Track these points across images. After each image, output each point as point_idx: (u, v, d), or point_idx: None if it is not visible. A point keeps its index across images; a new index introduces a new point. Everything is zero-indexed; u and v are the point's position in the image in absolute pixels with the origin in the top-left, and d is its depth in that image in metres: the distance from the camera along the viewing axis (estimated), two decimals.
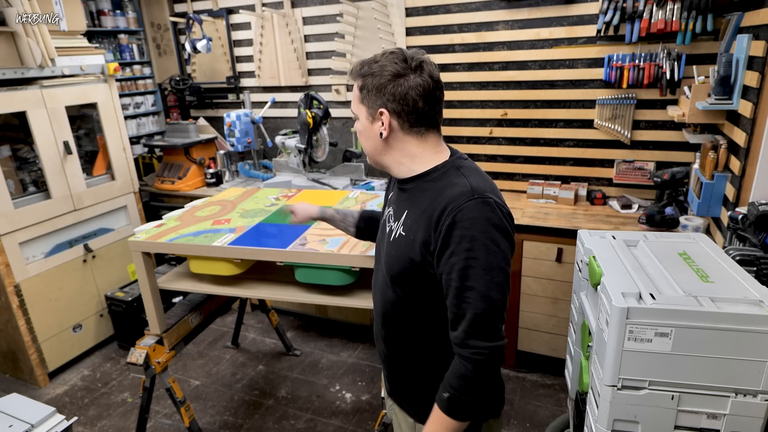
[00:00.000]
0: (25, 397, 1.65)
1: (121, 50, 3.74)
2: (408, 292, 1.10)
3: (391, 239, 1.11)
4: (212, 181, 3.47)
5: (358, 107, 1.09)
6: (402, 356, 1.19)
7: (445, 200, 1.00)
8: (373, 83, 1.04)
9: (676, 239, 1.56)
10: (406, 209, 1.10)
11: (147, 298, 1.97)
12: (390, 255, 1.11)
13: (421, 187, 1.08)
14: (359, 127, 1.11)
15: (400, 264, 1.07)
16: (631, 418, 1.23)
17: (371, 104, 1.05)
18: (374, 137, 1.08)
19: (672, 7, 2.26)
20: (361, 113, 1.08)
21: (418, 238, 1.03)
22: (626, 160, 2.70)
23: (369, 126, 1.08)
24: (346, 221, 1.49)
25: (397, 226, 1.11)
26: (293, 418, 2.50)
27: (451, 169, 1.07)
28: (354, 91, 1.09)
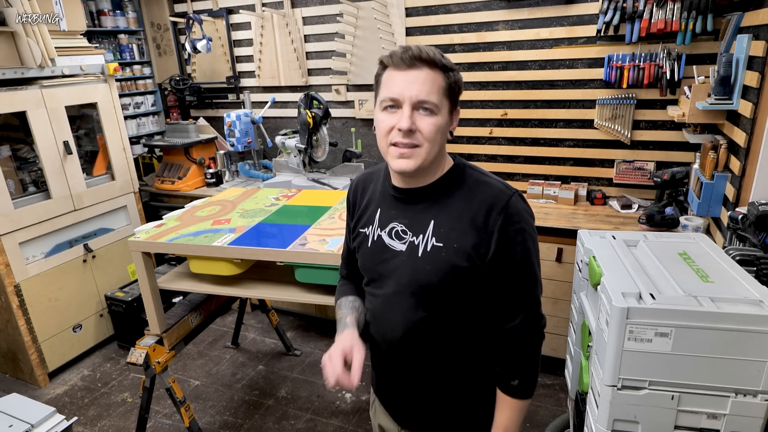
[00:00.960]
0: (25, 397, 1.65)
1: (121, 50, 3.74)
2: (443, 305, 1.04)
3: (420, 254, 1.03)
4: (212, 181, 3.47)
5: (441, 99, 0.97)
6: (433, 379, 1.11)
7: (488, 200, 1.00)
8: (460, 80, 1.01)
9: (676, 239, 1.56)
10: (431, 219, 1.03)
11: (147, 298, 1.96)
12: (421, 270, 1.03)
13: (443, 193, 1.04)
14: (437, 121, 0.97)
15: (440, 275, 1.01)
16: (631, 418, 1.23)
17: (454, 100, 1.01)
18: (445, 135, 1.02)
19: (672, 7, 2.26)
20: (445, 108, 0.99)
21: (464, 244, 0.99)
22: (626, 160, 2.70)
23: (448, 122, 1.01)
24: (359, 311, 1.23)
25: (424, 239, 1.03)
26: (293, 418, 2.50)
27: (466, 169, 1.07)
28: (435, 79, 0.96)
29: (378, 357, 1.20)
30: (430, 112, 0.96)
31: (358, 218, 1.18)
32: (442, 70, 0.96)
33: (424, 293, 1.04)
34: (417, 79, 0.94)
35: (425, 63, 0.94)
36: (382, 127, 0.99)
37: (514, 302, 1.03)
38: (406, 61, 0.94)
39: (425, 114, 0.96)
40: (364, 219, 1.15)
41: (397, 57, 0.95)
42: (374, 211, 1.13)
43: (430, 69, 0.95)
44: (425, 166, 1.00)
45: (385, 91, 0.98)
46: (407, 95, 0.94)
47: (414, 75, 0.94)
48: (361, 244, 1.15)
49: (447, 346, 1.08)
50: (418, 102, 0.95)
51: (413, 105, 0.95)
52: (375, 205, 1.13)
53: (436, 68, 0.95)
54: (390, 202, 1.10)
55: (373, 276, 1.13)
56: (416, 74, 0.94)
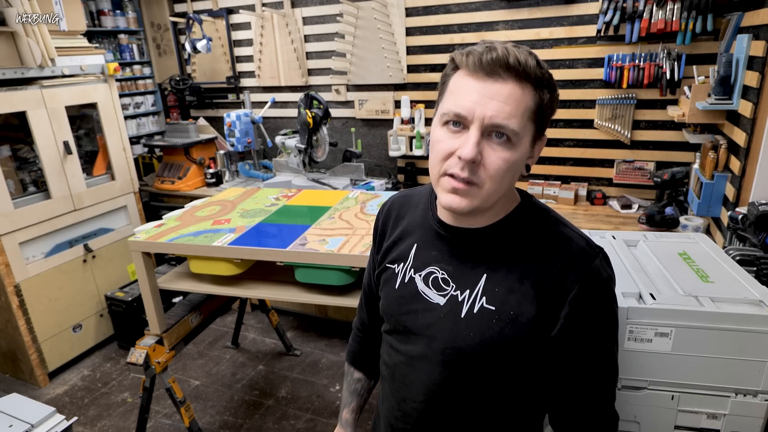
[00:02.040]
0: (25, 397, 1.65)
1: (121, 50, 3.74)
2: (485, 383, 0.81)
3: (464, 315, 0.80)
4: (212, 181, 3.47)
5: (525, 125, 0.72)
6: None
7: (564, 260, 0.76)
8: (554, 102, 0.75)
9: (676, 239, 1.56)
10: (484, 273, 0.80)
11: (147, 298, 1.96)
12: (464, 337, 0.80)
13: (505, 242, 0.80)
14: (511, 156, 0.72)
15: (486, 347, 0.78)
16: (631, 418, 1.23)
17: (542, 125, 0.76)
18: (519, 171, 0.77)
19: (672, 7, 2.26)
20: (527, 137, 0.74)
21: (524, 314, 0.76)
22: (626, 160, 2.70)
23: (526, 155, 0.76)
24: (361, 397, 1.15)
25: (472, 296, 0.80)
26: (293, 418, 2.50)
27: (534, 208, 0.83)
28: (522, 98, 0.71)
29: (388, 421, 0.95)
30: (505, 140, 0.72)
31: (387, 250, 0.94)
32: (534, 86, 0.72)
33: (460, 365, 0.81)
34: (497, 95, 0.70)
35: (513, 73, 0.70)
36: (439, 149, 0.75)
37: (583, 398, 0.80)
38: (486, 67, 0.70)
39: (498, 143, 0.72)
40: (395, 253, 0.92)
41: (475, 58, 0.71)
42: (410, 246, 0.89)
43: (517, 82, 0.70)
44: (486, 207, 0.77)
45: (449, 102, 0.74)
46: (479, 114, 0.70)
47: (495, 88, 0.70)
48: (386, 283, 0.92)
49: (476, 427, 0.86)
50: (492, 126, 0.71)
51: (484, 128, 0.71)
52: (412, 239, 0.90)
53: (526, 82, 0.71)
54: (432, 240, 0.87)
55: (396, 326, 0.90)
56: (498, 88, 0.70)
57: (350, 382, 1.15)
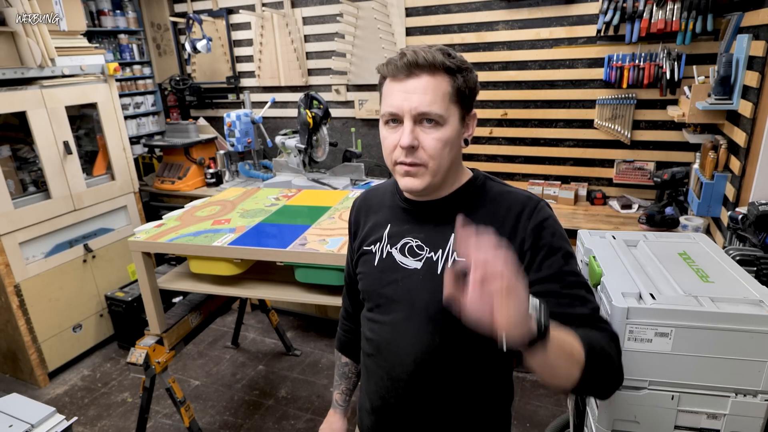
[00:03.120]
0: (25, 397, 1.65)
1: (121, 50, 3.74)
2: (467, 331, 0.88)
3: (440, 271, 0.92)
4: (212, 181, 3.47)
5: (448, 108, 0.86)
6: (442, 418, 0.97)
7: (515, 207, 0.91)
8: (473, 81, 0.89)
9: (676, 239, 1.56)
10: (451, 232, 0.93)
11: (147, 298, 1.96)
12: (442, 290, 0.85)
13: (463, 205, 0.94)
14: (443, 134, 0.86)
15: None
16: (631, 418, 1.23)
17: (467, 104, 0.90)
18: (458, 146, 0.91)
19: (672, 7, 2.26)
20: (454, 116, 0.87)
21: None
22: (626, 160, 2.70)
23: (459, 132, 0.90)
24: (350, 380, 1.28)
25: (444, 254, 0.92)
26: (293, 418, 2.50)
27: (487, 180, 0.98)
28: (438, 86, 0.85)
29: (376, 396, 1.02)
30: (434, 124, 0.86)
31: (363, 237, 1.05)
32: (447, 73, 0.86)
33: (444, 317, 0.89)
34: (416, 89, 0.85)
35: (424, 69, 0.84)
36: (386, 144, 0.90)
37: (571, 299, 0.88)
38: (403, 70, 0.85)
39: (429, 127, 0.86)
40: (372, 237, 1.03)
41: (393, 65, 0.86)
42: (383, 228, 1.02)
43: (430, 75, 0.85)
44: (437, 181, 0.91)
45: (384, 105, 0.89)
46: (406, 108, 0.85)
47: (413, 84, 0.85)
48: (366, 264, 1.02)
49: (466, 384, 0.95)
50: (419, 114, 0.85)
51: (414, 118, 0.85)
52: (384, 221, 1.02)
53: (438, 72, 0.85)
54: (402, 217, 1.00)
55: (378, 300, 1.00)
56: (415, 83, 0.85)
57: (339, 366, 1.29)
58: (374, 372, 1.02)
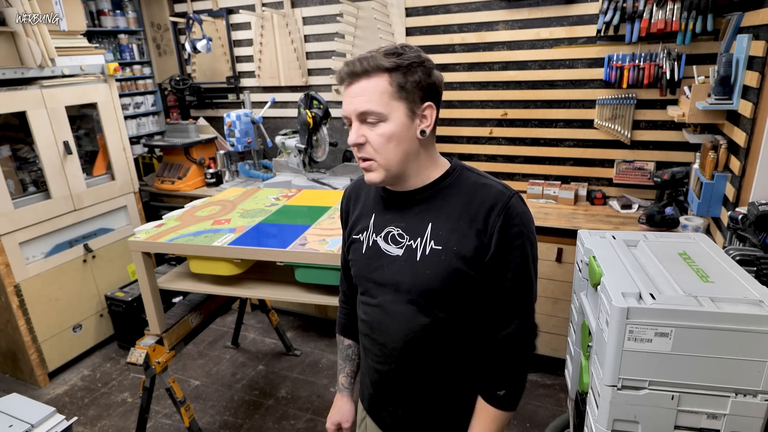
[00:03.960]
0: (25, 397, 1.65)
1: (121, 50, 3.74)
2: (449, 308, 1.00)
3: (419, 258, 0.99)
4: (212, 181, 3.47)
5: (388, 105, 0.91)
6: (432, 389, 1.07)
7: (488, 201, 0.96)
8: (417, 75, 0.92)
9: (676, 239, 1.56)
10: (429, 222, 1.00)
11: (147, 298, 1.96)
12: (422, 275, 0.99)
13: (440, 195, 1.00)
14: (386, 129, 0.93)
15: (441, 279, 0.97)
16: (631, 418, 1.22)
17: (413, 98, 0.93)
18: (411, 139, 0.95)
19: (672, 7, 2.26)
20: (398, 111, 0.92)
21: (464, 246, 0.96)
22: (626, 160, 2.70)
23: (407, 127, 0.94)
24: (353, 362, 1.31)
25: (422, 241, 0.99)
26: (293, 418, 2.50)
27: (463, 171, 1.03)
28: (376, 85, 0.91)
29: (373, 370, 1.12)
30: (376, 120, 0.92)
31: (352, 226, 1.13)
32: (386, 72, 0.90)
33: (424, 299, 0.99)
34: (357, 92, 0.92)
35: (361, 75, 0.91)
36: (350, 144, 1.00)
37: (509, 308, 0.99)
38: (346, 78, 0.94)
39: (372, 124, 0.93)
40: (359, 226, 1.11)
41: (339, 75, 0.95)
42: (368, 217, 1.09)
43: (367, 78, 0.91)
44: (394, 173, 0.97)
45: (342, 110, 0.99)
46: (350, 110, 0.94)
47: (354, 89, 0.93)
48: (356, 252, 1.10)
49: (448, 354, 1.04)
50: (360, 114, 0.93)
51: (359, 118, 0.94)
52: (369, 211, 1.10)
53: (374, 74, 0.91)
54: (384, 207, 1.07)
55: (367, 285, 1.09)
56: (357, 87, 0.92)
57: (342, 350, 1.32)
58: (370, 350, 1.12)
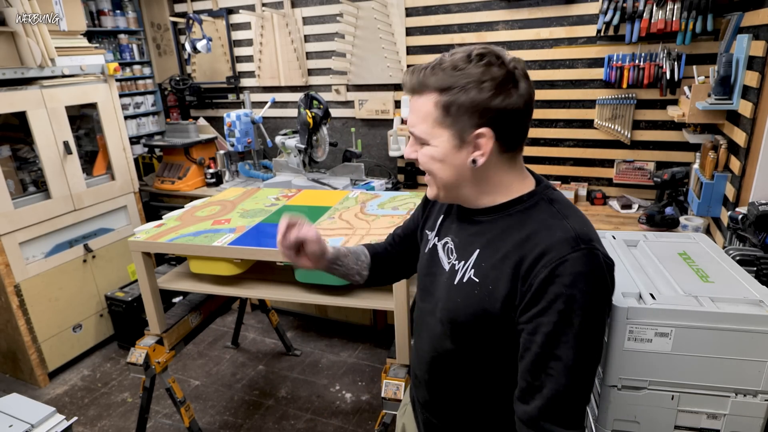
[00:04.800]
0: (25, 397, 1.65)
1: (121, 50, 3.74)
2: (472, 344, 0.91)
3: (456, 282, 0.91)
4: (212, 181, 3.47)
5: (433, 130, 0.84)
6: (449, 407, 1.02)
7: (541, 247, 0.80)
8: (469, 98, 0.80)
9: (676, 239, 1.56)
10: (477, 248, 0.90)
11: (147, 298, 1.96)
12: (454, 301, 0.91)
13: (501, 222, 0.88)
14: (430, 152, 0.86)
15: (469, 314, 0.88)
16: (631, 418, 1.23)
17: (462, 125, 0.82)
18: (460, 165, 0.85)
19: (672, 7, 2.26)
20: (441, 138, 0.84)
21: (499, 290, 0.83)
22: (626, 160, 2.70)
23: (454, 152, 0.84)
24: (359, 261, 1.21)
25: (464, 266, 0.91)
26: (293, 418, 2.50)
27: (541, 202, 0.87)
28: (423, 106, 0.84)
29: (413, 365, 1.12)
30: (422, 142, 0.88)
31: (426, 217, 1.10)
32: (436, 92, 0.82)
33: (450, 324, 0.93)
34: (413, 107, 0.87)
35: (415, 91, 0.86)
36: None
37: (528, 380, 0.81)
38: (408, 91, 0.88)
39: (419, 145, 0.89)
40: (430, 222, 1.07)
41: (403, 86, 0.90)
42: (438, 217, 1.04)
43: (419, 95, 0.85)
44: (448, 196, 0.91)
45: None
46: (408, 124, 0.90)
47: (413, 103, 0.87)
48: (422, 244, 1.09)
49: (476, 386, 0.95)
50: (412, 132, 0.89)
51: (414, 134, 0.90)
52: (440, 213, 1.05)
53: (426, 92, 0.83)
54: (452, 215, 1.01)
55: (421, 285, 1.05)
56: (413, 102, 0.87)
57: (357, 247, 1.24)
58: (414, 345, 1.11)
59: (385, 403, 1.67)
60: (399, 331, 1.68)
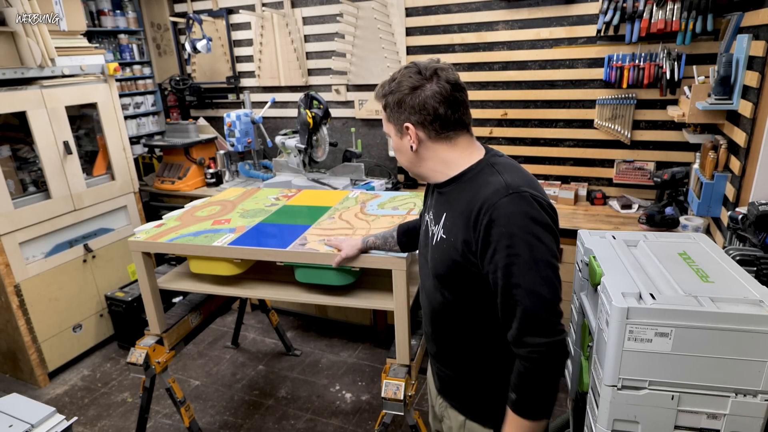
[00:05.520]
0: (25, 397, 1.65)
1: (121, 50, 3.74)
2: (455, 293, 1.12)
3: (434, 243, 1.14)
4: (212, 181, 3.47)
5: (387, 126, 1.14)
6: (452, 355, 1.22)
7: (481, 200, 1.01)
8: (394, 100, 1.08)
9: (676, 239, 1.56)
10: (444, 212, 1.12)
11: (147, 298, 1.96)
12: (435, 258, 1.13)
13: (457, 189, 1.10)
14: (393, 145, 1.15)
15: (444, 266, 1.10)
16: (631, 418, 1.22)
17: (396, 120, 1.10)
18: (406, 151, 1.12)
19: (672, 7, 2.26)
20: (391, 131, 1.13)
21: (458, 239, 1.05)
22: (626, 160, 2.70)
23: (399, 142, 1.12)
24: (387, 242, 1.57)
25: (438, 229, 1.13)
26: (293, 418, 2.50)
27: (485, 167, 1.09)
28: (381, 112, 1.15)
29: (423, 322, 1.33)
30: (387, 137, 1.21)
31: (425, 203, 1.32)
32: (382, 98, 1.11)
33: (437, 279, 1.14)
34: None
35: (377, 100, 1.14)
36: None
37: (504, 310, 1.01)
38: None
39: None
40: (427, 206, 1.28)
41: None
42: (428, 198, 1.27)
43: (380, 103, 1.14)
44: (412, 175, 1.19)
45: None
46: None
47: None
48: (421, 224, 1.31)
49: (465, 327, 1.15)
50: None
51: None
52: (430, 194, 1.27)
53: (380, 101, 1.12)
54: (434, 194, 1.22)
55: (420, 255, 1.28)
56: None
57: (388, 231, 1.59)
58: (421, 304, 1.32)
59: (385, 403, 1.67)
60: (399, 331, 1.68)
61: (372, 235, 1.62)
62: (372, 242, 1.59)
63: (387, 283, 1.71)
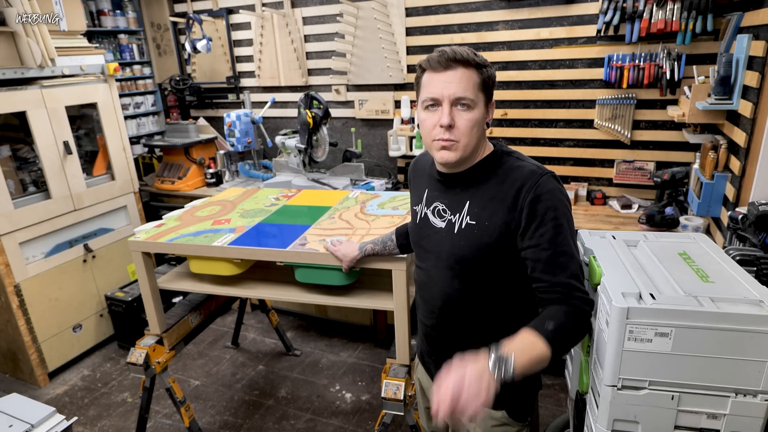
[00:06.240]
0: (25, 397, 1.65)
1: (121, 50, 3.74)
2: (478, 278, 1.15)
3: (456, 231, 1.15)
4: (212, 181, 3.47)
5: (477, 94, 1.08)
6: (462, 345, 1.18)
7: (519, 181, 1.08)
8: (493, 74, 1.11)
9: (676, 239, 1.56)
10: (467, 200, 1.15)
11: (147, 298, 1.96)
12: (458, 246, 1.15)
13: (479, 178, 1.15)
14: (473, 116, 1.09)
15: (472, 251, 1.13)
16: (631, 418, 1.22)
17: (489, 94, 1.11)
18: (481, 128, 1.13)
19: (672, 7, 2.26)
20: (480, 101, 1.10)
21: (495, 222, 1.10)
22: (626, 160, 2.70)
23: (479, 115, 1.10)
24: (387, 247, 1.57)
25: (460, 217, 1.15)
26: (293, 418, 2.50)
27: (503, 155, 1.16)
28: (470, 77, 1.07)
29: (422, 324, 1.33)
30: (467, 107, 1.07)
31: (412, 197, 1.34)
32: (475, 68, 1.07)
33: (459, 266, 1.15)
34: (453, 79, 1.06)
35: (459, 63, 1.05)
36: (426, 125, 1.11)
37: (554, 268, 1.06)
38: (443, 63, 1.06)
39: (463, 110, 1.07)
40: (416, 197, 1.30)
41: (434, 60, 1.07)
42: (423, 191, 1.27)
43: (464, 68, 1.06)
44: (465, 156, 1.12)
45: (425, 92, 1.10)
46: (446, 94, 1.06)
47: (450, 75, 1.06)
48: (412, 219, 1.31)
49: (480, 317, 1.19)
50: (456, 99, 1.06)
51: (452, 102, 1.07)
52: (424, 186, 1.27)
53: (470, 66, 1.06)
54: (435, 185, 1.23)
55: (418, 250, 1.28)
56: (452, 74, 1.06)
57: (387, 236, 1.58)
58: (420, 306, 1.32)
59: (385, 403, 1.67)
60: (399, 331, 1.68)
61: (370, 241, 1.60)
62: (371, 249, 1.59)
63: (387, 283, 1.71)
